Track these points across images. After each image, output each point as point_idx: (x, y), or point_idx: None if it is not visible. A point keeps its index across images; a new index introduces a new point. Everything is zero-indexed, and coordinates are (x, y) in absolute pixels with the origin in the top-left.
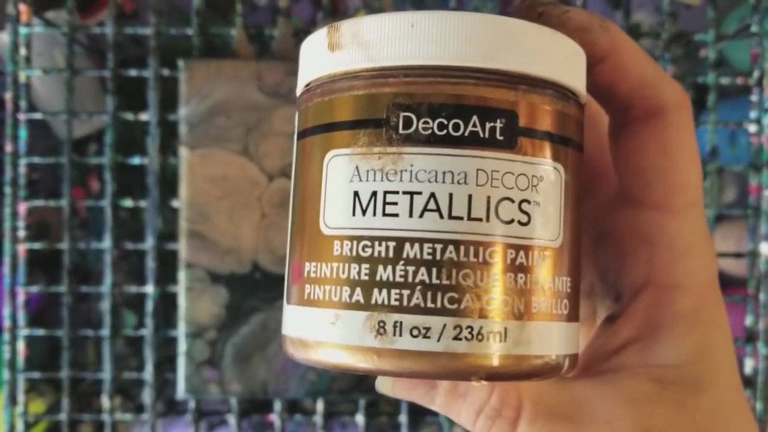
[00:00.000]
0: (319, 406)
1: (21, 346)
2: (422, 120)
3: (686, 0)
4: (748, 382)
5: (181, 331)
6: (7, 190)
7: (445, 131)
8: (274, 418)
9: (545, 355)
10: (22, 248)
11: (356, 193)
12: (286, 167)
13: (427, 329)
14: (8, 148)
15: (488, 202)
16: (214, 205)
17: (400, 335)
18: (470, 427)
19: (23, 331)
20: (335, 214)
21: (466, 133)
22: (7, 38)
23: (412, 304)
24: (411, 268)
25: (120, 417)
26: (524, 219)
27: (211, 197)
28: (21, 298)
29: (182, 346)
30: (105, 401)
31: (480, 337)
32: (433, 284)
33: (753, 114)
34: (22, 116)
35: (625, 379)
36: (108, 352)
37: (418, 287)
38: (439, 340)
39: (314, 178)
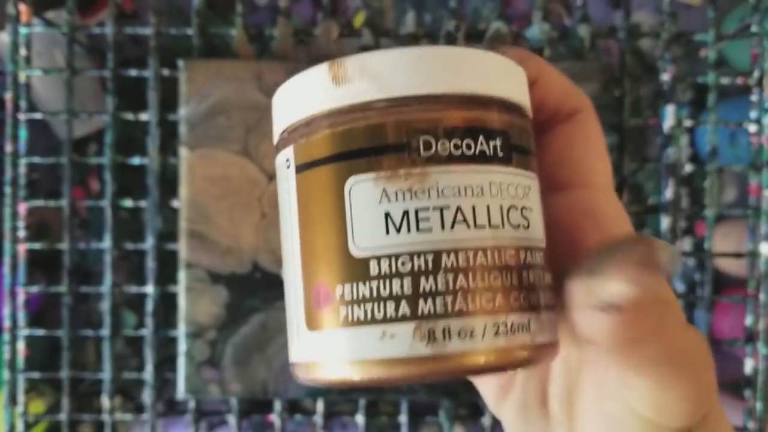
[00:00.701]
0: (319, 406)
1: (21, 346)
2: (440, 141)
3: (686, 0)
4: (748, 382)
5: (181, 331)
6: (7, 190)
7: (460, 151)
8: (274, 418)
9: (554, 340)
10: (22, 248)
11: (387, 214)
12: None
13: (472, 330)
14: (8, 148)
15: (501, 211)
16: (214, 205)
17: (450, 339)
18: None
19: (23, 331)
20: (367, 235)
21: (477, 152)
22: (7, 38)
23: (456, 309)
24: (451, 276)
25: (120, 417)
26: (525, 224)
27: (211, 197)
28: (21, 298)
29: (182, 346)
30: (105, 401)
31: (513, 330)
32: (471, 288)
33: (753, 114)
34: (22, 116)
35: None
36: (108, 352)
37: (460, 293)
38: (483, 338)
39: (330, 204)
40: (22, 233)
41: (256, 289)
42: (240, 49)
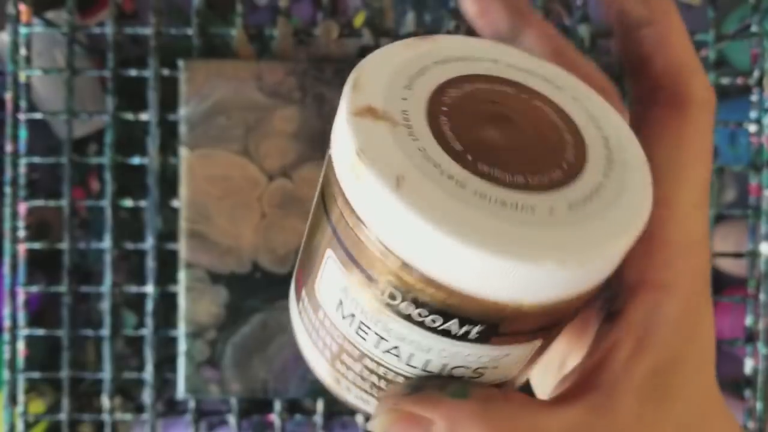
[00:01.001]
0: (319, 406)
1: (21, 346)
2: (404, 302)
3: (686, 0)
4: (748, 382)
5: (181, 331)
6: (7, 190)
7: (422, 319)
8: (274, 418)
9: None
10: (22, 248)
11: (341, 302)
12: (287, 167)
13: (367, 400)
14: (8, 148)
15: (443, 368)
16: (214, 205)
17: (350, 393)
18: None
19: (23, 331)
20: (323, 296)
21: (440, 328)
22: (7, 38)
23: (361, 387)
24: (367, 372)
25: (120, 417)
26: (476, 376)
27: (211, 197)
28: (21, 298)
29: (182, 346)
30: (105, 401)
31: None
32: (377, 386)
33: (753, 114)
34: (22, 116)
35: (613, 402)
36: (108, 352)
37: (369, 383)
38: (369, 404)
39: (318, 244)
40: (22, 233)
41: (256, 289)
42: (240, 49)
